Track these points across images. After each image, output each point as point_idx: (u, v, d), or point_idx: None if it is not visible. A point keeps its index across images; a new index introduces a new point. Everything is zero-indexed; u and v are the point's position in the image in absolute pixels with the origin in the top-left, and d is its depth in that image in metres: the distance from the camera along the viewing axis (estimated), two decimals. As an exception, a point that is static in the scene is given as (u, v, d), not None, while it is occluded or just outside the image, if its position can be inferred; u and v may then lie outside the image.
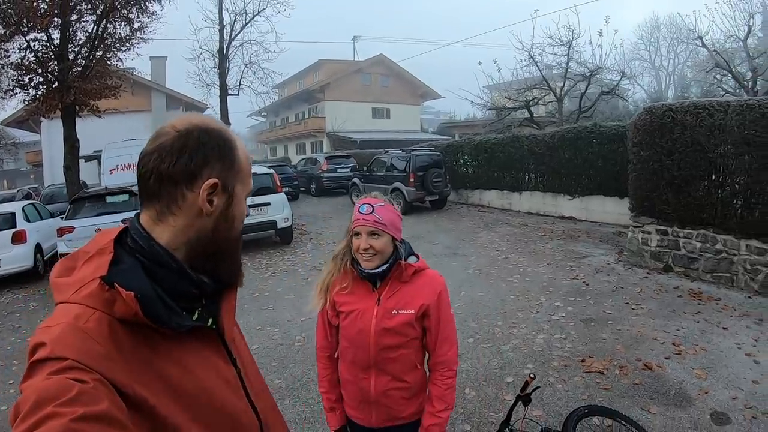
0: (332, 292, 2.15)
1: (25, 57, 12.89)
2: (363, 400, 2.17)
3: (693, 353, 4.88)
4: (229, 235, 1.07)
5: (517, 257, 9.30)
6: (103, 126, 16.85)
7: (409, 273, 2.10)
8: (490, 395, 4.36)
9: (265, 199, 11.48)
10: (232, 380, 1.09)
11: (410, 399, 2.17)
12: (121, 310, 0.88)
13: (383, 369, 2.11)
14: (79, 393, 0.74)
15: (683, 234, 7.60)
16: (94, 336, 0.83)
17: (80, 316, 0.85)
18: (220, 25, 23.33)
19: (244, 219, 1.13)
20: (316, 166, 23.20)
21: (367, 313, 2.09)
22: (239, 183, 1.07)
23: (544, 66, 20.20)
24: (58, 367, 0.78)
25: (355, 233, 2.06)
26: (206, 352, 1.04)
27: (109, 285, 0.88)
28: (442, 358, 2.15)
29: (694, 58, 38.61)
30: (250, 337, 6.04)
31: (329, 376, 2.28)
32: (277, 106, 46.44)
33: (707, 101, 7.38)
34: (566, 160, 13.03)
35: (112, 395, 0.79)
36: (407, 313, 2.07)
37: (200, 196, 0.98)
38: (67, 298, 0.89)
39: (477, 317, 6.29)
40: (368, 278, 2.10)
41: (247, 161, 1.09)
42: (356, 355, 2.14)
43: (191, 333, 1.00)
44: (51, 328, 0.84)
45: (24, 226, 10.76)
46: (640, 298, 6.62)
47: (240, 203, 1.08)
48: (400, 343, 2.09)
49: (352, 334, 2.12)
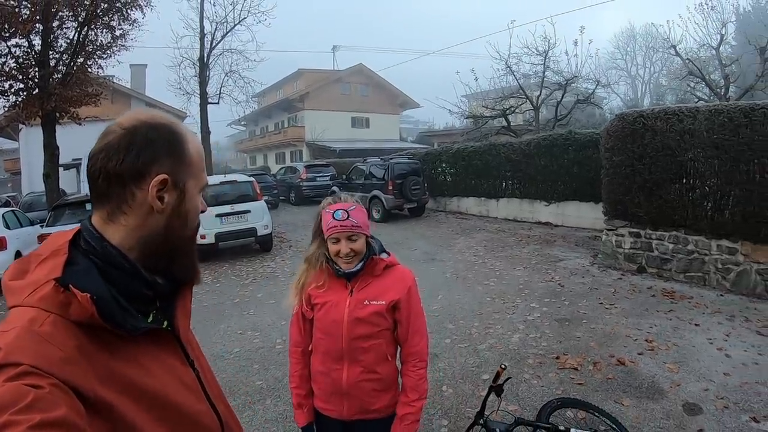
0: (307, 290, 2.20)
1: (5, 63, 12.76)
2: (335, 392, 2.19)
3: (665, 349, 4.95)
4: (183, 233, 1.05)
5: (494, 262, 9.35)
6: (83, 134, 16.49)
7: (380, 267, 2.17)
8: (466, 392, 4.38)
9: (245, 206, 11.45)
10: (190, 382, 1.07)
11: (381, 392, 2.20)
12: (76, 312, 0.86)
13: (355, 359, 2.15)
14: (35, 399, 0.72)
15: (656, 236, 7.74)
16: (50, 340, 0.81)
17: (35, 319, 0.83)
18: (201, 34, 23.30)
19: (199, 215, 1.10)
20: (296, 174, 23.20)
21: (341, 304, 2.14)
22: (191, 178, 1.04)
23: (521, 75, 20.41)
24: (13, 373, 0.75)
25: (334, 239, 2.09)
26: (163, 354, 1.02)
27: (64, 287, 0.86)
28: (414, 349, 2.20)
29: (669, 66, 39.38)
30: (231, 341, 6.07)
31: (300, 371, 2.31)
32: (257, 115, 46.27)
33: (677, 107, 7.56)
34: (542, 167, 13.16)
35: (71, 400, 0.77)
36: (378, 303, 2.13)
37: (149, 193, 0.96)
38: (21, 302, 0.87)
39: (454, 319, 6.31)
40: (344, 276, 2.15)
41: (198, 155, 1.06)
42: (330, 346, 2.17)
43: (147, 335, 0.98)
44: (5, 333, 0.81)
45: (4, 234, 10.60)
46: (614, 298, 6.70)
47: (193, 198, 1.06)
48: (371, 333, 2.13)
49: (326, 325, 2.16)
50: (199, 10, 23.23)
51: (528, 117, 22.67)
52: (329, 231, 2.08)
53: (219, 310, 7.46)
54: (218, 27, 23.59)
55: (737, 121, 6.60)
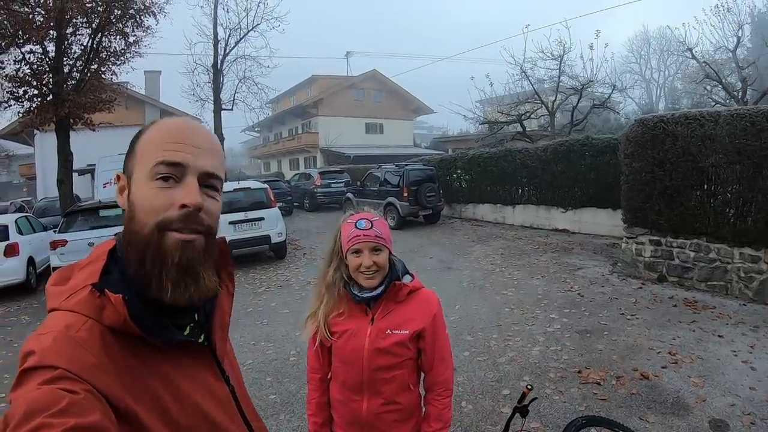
0: (328, 321, 2.06)
1: (20, 69, 12.96)
2: (354, 422, 2.10)
3: (689, 362, 4.86)
4: (132, 227, 0.93)
5: (512, 270, 9.28)
6: (97, 139, 16.82)
7: (404, 293, 2.03)
8: (486, 408, 4.31)
9: (259, 213, 11.47)
10: (224, 398, 1.05)
11: (403, 421, 2.10)
12: (110, 317, 0.86)
13: (376, 390, 2.04)
14: (69, 404, 0.72)
15: (677, 244, 7.62)
16: (86, 346, 0.81)
17: (72, 325, 0.83)
18: (215, 40, 23.43)
19: (152, 207, 0.92)
20: (310, 181, 23.27)
21: (361, 333, 2.02)
22: (137, 165, 0.96)
23: (535, 80, 20.37)
24: (49, 376, 0.75)
25: (355, 251, 1.96)
26: (197, 368, 1.00)
27: (99, 291, 0.86)
28: (440, 378, 2.09)
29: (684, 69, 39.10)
30: (244, 352, 6.03)
31: (318, 399, 2.21)
32: (271, 122, 46.54)
33: (698, 112, 7.45)
34: (559, 173, 13.07)
35: (104, 406, 0.77)
36: (402, 333, 2.00)
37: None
38: (58, 305, 0.88)
39: (472, 330, 6.25)
40: (363, 301, 2.03)
41: (152, 139, 0.96)
42: (348, 376, 2.07)
43: (182, 348, 0.97)
44: (42, 336, 0.82)
45: (17, 239, 10.73)
46: (635, 309, 6.61)
47: (139, 188, 0.94)
48: (393, 363, 2.02)
49: (345, 354, 2.05)
50: (212, 17, 23.36)
51: (543, 122, 22.57)
52: (351, 242, 1.95)
53: (233, 320, 7.41)
54: (232, 33, 23.69)
55: (760, 125, 6.48)
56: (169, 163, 0.93)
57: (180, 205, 0.92)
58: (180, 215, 0.92)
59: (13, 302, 10.00)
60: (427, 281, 2.17)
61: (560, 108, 20.47)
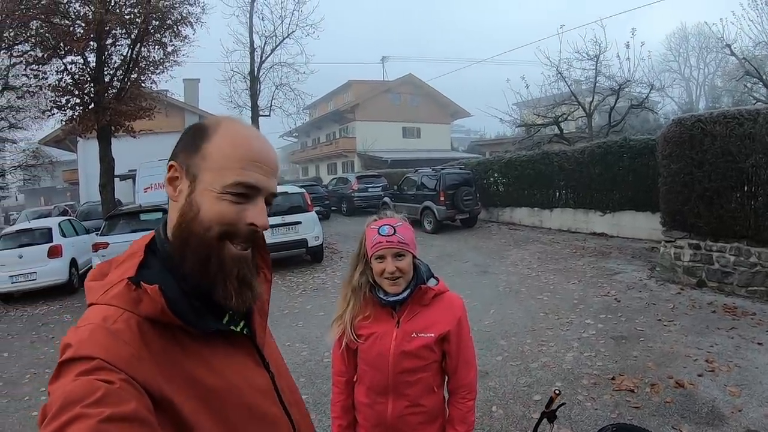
0: (354, 324, 2.10)
1: (62, 79, 13.48)
2: (379, 425, 2.13)
3: (726, 370, 4.76)
4: (193, 227, 0.96)
5: (548, 275, 9.21)
6: (138, 146, 17.35)
7: (429, 296, 2.06)
8: (517, 413, 4.32)
9: (296, 217, 11.66)
10: (264, 385, 1.07)
11: (427, 424, 2.11)
12: (147, 308, 0.88)
13: (401, 393, 2.06)
14: (105, 394, 0.74)
15: (716, 248, 7.45)
16: (123, 337, 0.84)
17: (109, 317, 0.86)
18: (251, 48, 23.82)
19: (221, 218, 0.95)
20: (347, 185, 23.44)
21: (387, 336, 2.04)
22: (206, 171, 0.96)
23: (572, 81, 20.06)
24: (86, 367, 0.78)
25: (379, 257, 1.99)
26: (237, 355, 1.03)
27: (135, 284, 0.89)
28: (464, 381, 2.11)
29: (723, 67, 37.91)
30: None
31: (343, 401, 2.25)
32: (308, 127, 46.97)
33: (736, 110, 7.27)
34: (596, 175, 12.89)
35: (141, 396, 0.79)
36: (427, 336, 2.02)
37: (165, 179, 1.00)
38: (96, 299, 0.91)
39: (506, 335, 6.24)
40: (389, 305, 2.05)
41: (226, 151, 0.97)
42: (374, 379, 2.09)
43: (222, 336, 1.00)
44: (80, 328, 0.86)
45: (60, 241, 11.28)
46: (672, 315, 6.49)
47: (207, 193, 0.96)
48: (419, 366, 2.04)
49: (371, 357, 2.08)
50: (248, 25, 23.78)
51: (581, 124, 22.24)
52: (374, 248, 1.98)
53: (269, 321, 7.54)
54: (267, 41, 24.07)
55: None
56: (251, 186, 0.97)
57: (249, 223, 0.97)
58: (246, 232, 0.98)
59: (55, 301, 10.54)
60: (463, 285, 2.20)
61: (597, 109, 20.12)
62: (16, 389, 5.97)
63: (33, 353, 7.28)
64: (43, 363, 6.69)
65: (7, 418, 5.20)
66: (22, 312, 10.09)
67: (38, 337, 8.14)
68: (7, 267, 10.67)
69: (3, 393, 5.92)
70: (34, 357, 7.08)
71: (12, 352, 7.52)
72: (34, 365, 6.69)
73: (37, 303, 10.59)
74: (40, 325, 8.87)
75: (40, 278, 10.72)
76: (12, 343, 8.01)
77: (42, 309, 10.12)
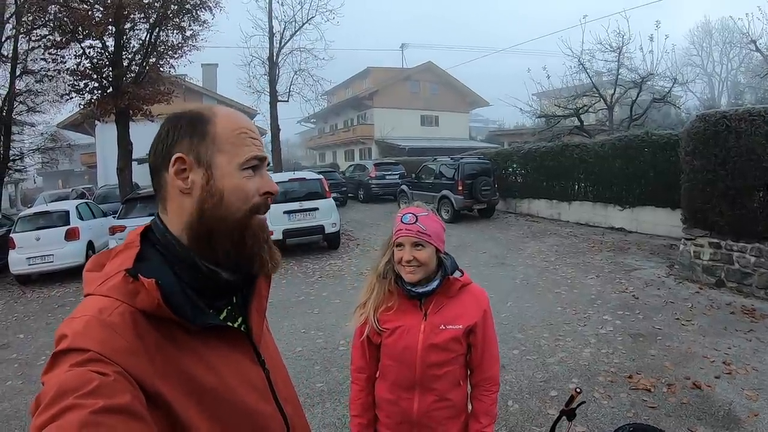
0: (377, 313, 2.05)
1: (80, 63, 13.71)
2: (404, 422, 2.08)
3: (744, 373, 4.76)
4: (219, 213, 0.99)
5: (566, 268, 9.21)
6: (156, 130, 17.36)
7: (456, 288, 2.05)
8: (533, 409, 4.36)
9: (314, 204, 11.72)
10: (259, 383, 1.07)
11: (453, 418, 2.09)
12: (143, 301, 0.88)
13: (428, 387, 2.03)
14: (100, 385, 0.75)
15: (737, 248, 7.39)
16: (118, 329, 0.84)
17: (104, 309, 0.86)
18: (270, 33, 23.76)
19: (250, 193, 1.03)
20: (365, 172, 23.48)
21: (414, 329, 2.00)
22: (219, 153, 1.00)
23: (593, 73, 19.87)
24: (80, 359, 0.78)
25: (398, 244, 1.97)
26: (233, 351, 1.03)
27: (133, 277, 0.89)
28: (488, 374, 2.11)
29: (747, 63, 37.29)
30: (294, 340, 6.23)
31: (363, 399, 2.18)
32: (326, 113, 46.88)
33: (762, 108, 7.18)
34: (617, 169, 12.80)
35: (134, 389, 0.79)
36: (455, 328, 2.00)
37: (170, 174, 0.99)
38: (93, 290, 0.91)
39: (523, 329, 6.27)
40: (416, 296, 2.02)
41: (230, 131, 1.02)
42: (400, 374, 2.05)
43: (218, 331, 0.99)
44: (75, 319, 0.85)
45: (77, 224, 11.47)
46: (690, 314, 6.47)
47: (227, 176, 1.00)
48: (446, 359, 2.02)
49: (397, 352, 2.03)
50: (267, 10, 23.69)
51: (601, 116, 22.02)
52: (396, 235, 1.98)
53: (285, 307, 7.69)
54: (287, 26, 23.97)
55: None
56: (260, 158, 1.05)
57: (264, 192, 1.05)
58: (264, 201, 1.05)
59: (72, 284, 10.78)
60: (479, 276, 2.21)
61: (619, 102, 19.91)
62: (32, 370, 6.12)
63: (49, 335, 7.40)
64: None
65: (22, 399, 5.36)
66: (38, 294, 10.29)
67: (54, 318, 8.30)
68: (24, 249, 10.87)
69: (18, 374, 6.10)
70: (50, 338, 7.12)
71: (28, 333, 7.71)
72: (50, 347, 6.73)
73: (54, 285, 10.82)
74: (56, 307, 9.05)
75: (57, 260, 10.91)
76: (28, 324, 8.20)
77: (58, 291, 10.33)
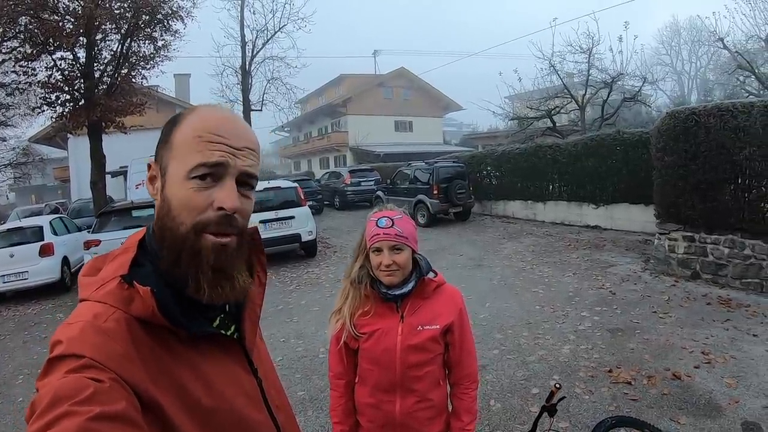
0: (354, 319, 2.03)
1: (51, 75, 13.35)
2: (386, 425, 2.07)
3: (722, 362, 4.79)
4: (167, 224, 0.93)
5: (543, 267, 9.23)
6: (129, 142, 17.18)
7: (431, 288, 2.05)
8: (515, 407, 4.32)
9: (290, 212, 11.61)
10: (251, 391, 1.05)
11: (434, 418, 2.09)
12: (138, 308, 0.87)
13: (409, 389, 2.02)
14: (95, 392, 0.73)
15: (711, 240, 7.48)
16: (113, 336, 0.83)
17: (100, 315, 0.85)
18: (242, 42, 23.77)
19: (189, 208, 0.91)
20: (340, 179, 23.37)
21: (392, 332, 2.00)
22: (172, 160, 0.94)
23: (565, 74, 20.10)
24: (75, 365, 0.77)
25: (375, 249, 1.95)
26: (226, 360, 1.01)
27: (128, 283, 0.88)
28: (467, 371, 2.11)
29: (716, 60, 38.05)
30: (274, 349, 6.08)
31: (344, 405, 2.17)
32: (300, 121, 46.78)
33: (730, 103, 7.30)
34: (590, 168, 12.91)
35: (129, 395, 0.78)
36: (433, 328, 2.00)
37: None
38: (89, 296, 0.90)
39: (502, 328, 6.25)
40: (392, 299, 2.01)
41: (188, 135, 0.93)
42: (380, 377, 2.04)
43: (211, 339, 0.98)
44: (71, 325, 0.84)
45: (51, 239, 11.17)
46: (667, 307, 6.52)
47: (175, 185, 0.92)
48: (426, 359, 2.02)
49: (377, 355, 2.02)
50: (239, 19, 23.71)
51: (573, 117, 22.29)
52: (372, 240, 1.95)
53: (263, 317, 7.43)
54: (259, 35, 24.02)
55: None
56: (211, 165, 0.91)
57: (218, 207, 0.91)
58: (217, 217, 0.91)
59: (48, 300, 10.46)
60: (457, 279, 2.19)
61: (590, 102, 20.15)
62: (10, 390, 5.93)
63: (26, 353, 7.22)
64: (36, 363, 6.61)
65: (0, 420, 5.16)
66: (14, 312, 9.99)
67: (31, 336, 8.06)
68: (-2, 266, 10.54)
69: (-4, 395, 5.89)
70: (27, 357, 7.02)
71: (5, 352, 7.45)
72: (27, 366, 6.64)
73: (29, 302, 10.50)
74: (32, 325, 8.79)
75: (32, 277, 10.60)
76: (5, 343, 7.94)
77: (34, 308, 10.03)
